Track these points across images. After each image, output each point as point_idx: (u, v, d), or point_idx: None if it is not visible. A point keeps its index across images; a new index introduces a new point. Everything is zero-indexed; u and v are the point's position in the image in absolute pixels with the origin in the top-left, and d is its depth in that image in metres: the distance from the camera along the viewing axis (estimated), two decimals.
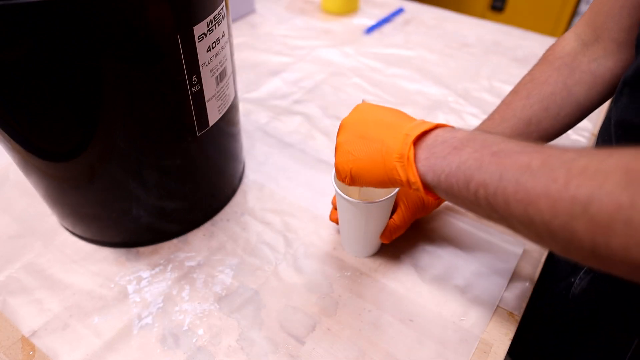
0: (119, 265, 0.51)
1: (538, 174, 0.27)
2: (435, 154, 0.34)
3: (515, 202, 0.28)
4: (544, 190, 0.26)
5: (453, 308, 0.47)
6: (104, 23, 0.34)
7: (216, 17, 0.43)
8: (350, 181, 0.40)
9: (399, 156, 0.35)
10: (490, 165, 0.30)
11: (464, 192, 0.32)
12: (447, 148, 0.33)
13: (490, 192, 0.29)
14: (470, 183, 0.31)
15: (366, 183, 0.39)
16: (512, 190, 0.28)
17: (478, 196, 0.31)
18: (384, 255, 0.52)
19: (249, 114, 0.74)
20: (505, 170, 0.29)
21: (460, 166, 0.32)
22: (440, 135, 0.35)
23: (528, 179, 0.27)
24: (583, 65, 0.47)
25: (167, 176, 0.49)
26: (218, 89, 0.47)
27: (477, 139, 0.32)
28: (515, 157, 0.29)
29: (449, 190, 0.33)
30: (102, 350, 0.44)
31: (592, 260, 0.26)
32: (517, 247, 0.53)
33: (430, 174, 0.34)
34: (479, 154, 0.31)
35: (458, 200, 0.33)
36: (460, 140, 0.33)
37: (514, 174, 0.28)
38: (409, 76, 0.84)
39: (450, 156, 0.33)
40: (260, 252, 0.53)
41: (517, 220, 0.29)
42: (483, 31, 0.99)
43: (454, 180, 0.32)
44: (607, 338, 0.49)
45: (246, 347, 0.44)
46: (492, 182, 0.29)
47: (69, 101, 0.38)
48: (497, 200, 0.29)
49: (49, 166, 0.44)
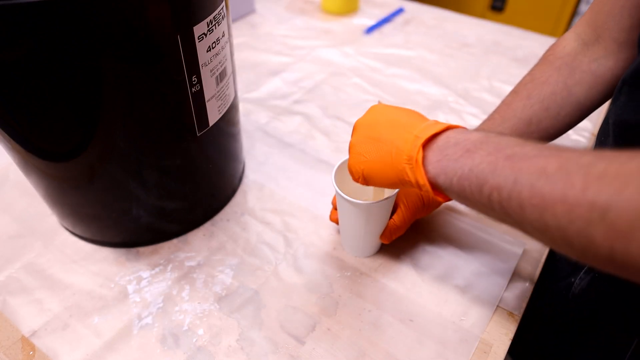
0: (119, 265, 0.51)
1: (554, 179, 0.26)
2: (448, 156, 0.33)
3: (530, 207, 0.27)
4: (560, 195, 0.25)
5: (453, 308, 0.47)
6: (104, 23, 0.34)
7: (216, 17, 0.43)
8: (363, 182, 0.40)
9: (407, 158, 0.35)
10: (505, 169, 0.29)
11: (476, 196, 0.31)
12: (460, 150, 0.33)
13: (505, 196, 0.29)
14: (483, 187, 0.30)
15: (378, 184, 0.39)
16: (527, 194, 0.27)
17: (491, 200, 0.30)
18: (384, 255, 0.52)
19: (249, 114, 0.74)
20: (520, 174, 0.28)
21: (473, 169, 0.31)
22: (452, 137, 0.34)
23: (544, 184, 0.26)
24: (583, 65, 0.47)
25: (167, 176, 0.49)
26: (218, 89, 0.47)
27: (491, 141, 0.32)
28: (530, 161, 0.28)
29: (461, 193, 0.32)
30: (102, 350, 0.44)
31: (609, 267, 0.25)
32: (517, 247, 0.53)
33: (442, 176, 0.33)
34: (492, 157, 0.30)
35: (470, 203, 0.33)
36: (473, 142, 0.32)
37: (529, 178, 0.27)
38: (409, 76, 0.84)
39: (463, 159, 0.32)
40: (260, 252, 0.53)
41: (532, 226, 0.28)
42: (483, 31, 0.99)
43: (467, 184, 0.31)
44: (606, 338, 0.49)
45: (246, 347, 0.44)
46: (506, 186, 0.29)
47: (69, 101, 0.38)
48: (511, 204, 0.28)
49: (49, 166, 0.44)
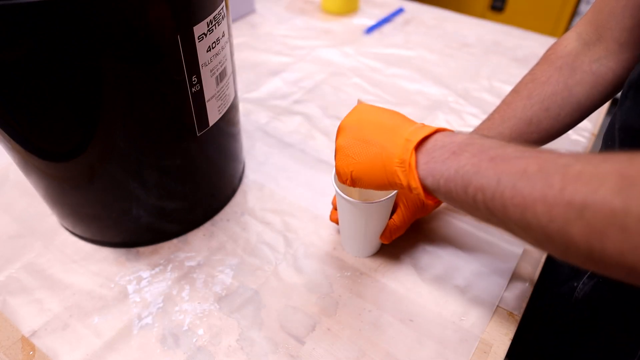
0: (119, 265, 0.51)
1: (534, 179, 0.27)
2: (435, 158, 0.34)
3: (512, 206, 0.28)
4: (540, 195, 0.26)
5: (453, 308, 0.47)
6: (104, 23, 0.34)
7: (216, 17, 0.43)
8: (351, 183, 0.41)
9: (400, 161, 0.36)
10: (488, 170, 0.30)
11: (462, 196, 0.32)
12: (446, 153, 0.33)
13: (488, 196, 0.30)
14: (468, 187, 0.31)
15: (367, 186, 0.40)
16: (509, 195, 0.28)
17: (476, 200, 0.31)
18: (384, 255, 0.52)
19: (249, 114, 0.74)
20: (502, 175, 0.29)
21: (459, 170, 0.32)
22: (439, 140, 0.35)
23: (524, 184, 0.27)
24: (584, 66, 0.47)
25: (167, 176, 0.49)
26: (218, 89, 0.47)
27: (475, 143, 0.33)
28: (512, 162, 0.29)
29: (448, 195, 0.33)
30: (102, 350, 0.44)
31: (589, 264, 0.26)
32: (517, 247, 0.53)
33: (430, 178, 0.34)
34: (476, 158, 0.31)
35: (457, 203, 0.33)
36: (459, 145, 0.33)
37: (511, 179, 0.28)
38: (409, 76, 0.84)
39: (449, 161, 0.33)
40: (260, 252, 0.53)
41: (515, 224, 0.29)
42: (483, 31, 0.99)
43: (453, 185, 0.32)
44: (609, 341, 0.49)
45: (246, 347, 0.44)
46: (489, 186, 0.30)
47: (69, 101, 0.38)
48: (495, 204, 0.29)
49: (49, 166, 0.44)
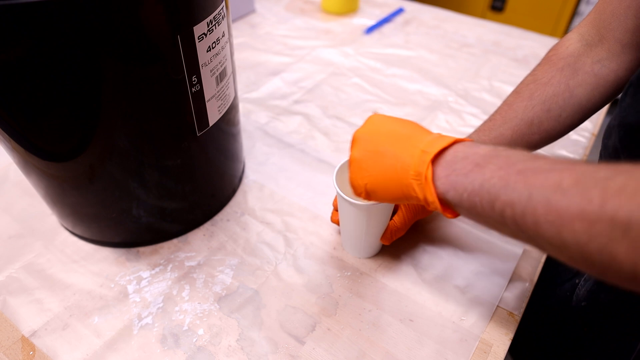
0: (119, 265, 0.51)
1: (570, 194, 0.25)
2: (457, 170, 0.32)
3: (546, 223, 0.26)
4: (578, 211, 0.24)
5: (453, 308, 0.47)
6: (104, 23, 0.34)
7: (216, 17, 0.43)
8: (366, 197, 0.39)
9: (415, 174, 0.34)
10: (517, 184, 0.28)
11: (488, 212, 0.30)
12: (469, 165, 0.31)
13: (518, 212, 0.28)
14: (495, 202, 0.29)
15: (382, 199, 0.38)
16: (542, 211, 0.26)
17: (504, 216, 0.29)
18: (384, 255, 0.52)
19: (249, 114, 0.74)
20: (534, 189, 0.27)
21: (484, 184, 0.30)
22: (460, 151, 0.33)
23: (560, 199, 0.25)
24: (586, 67, 0.47)
25: (167, 176, 0.49)
26: (218, 89, 0.47)
27: (501, 155, 0.31)
28: (544, 175, 0.27)
29: (472, 210, 0.31)
30: (102, 350, 0.44)
31: (632, 284, 0.24)
32: (517, 247, 0.53)
33: (452, 192, 0.32)
34: (504, 171, 0.29)
35: (482, 219, 0.32)
36: (483, 156, 0.31)
37: (544, 193, 0.26)
38: (409, 76, 0.84)
39: (473, 173, 0.31)
40: (260, 252, 0.53)
41: (548, 242, 0.27)
42: (483, 31, 0.99)
43: (478, 199, 0.30)
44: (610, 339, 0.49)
45: (246, 347, 0.44)
46: (520, 202, 0.28)
47: (69, 101, 0.38)
48: (525, 221, 0.28)
49: (49, 166, 0.44)
